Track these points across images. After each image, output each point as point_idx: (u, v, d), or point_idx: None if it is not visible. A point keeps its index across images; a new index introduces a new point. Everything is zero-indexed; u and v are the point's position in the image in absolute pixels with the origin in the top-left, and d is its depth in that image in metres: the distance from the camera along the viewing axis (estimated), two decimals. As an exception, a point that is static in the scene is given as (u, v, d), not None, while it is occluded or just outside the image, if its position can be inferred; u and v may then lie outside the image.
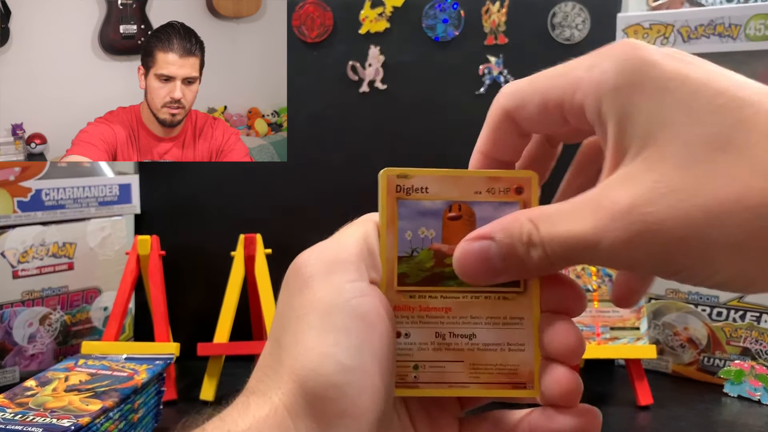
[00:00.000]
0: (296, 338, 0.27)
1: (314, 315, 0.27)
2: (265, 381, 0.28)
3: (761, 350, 0.84)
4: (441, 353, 0.30)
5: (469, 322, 0.30)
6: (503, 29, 0.94)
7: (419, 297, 0.30)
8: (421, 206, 0.30)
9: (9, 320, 0.86)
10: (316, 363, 0.26)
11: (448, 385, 0.30)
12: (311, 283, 0.28)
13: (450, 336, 0.30)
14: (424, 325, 0.30)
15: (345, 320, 0.27)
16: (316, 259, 0.29)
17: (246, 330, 0.92)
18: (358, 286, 0.28)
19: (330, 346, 0.26)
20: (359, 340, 0.27)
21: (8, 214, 0.87)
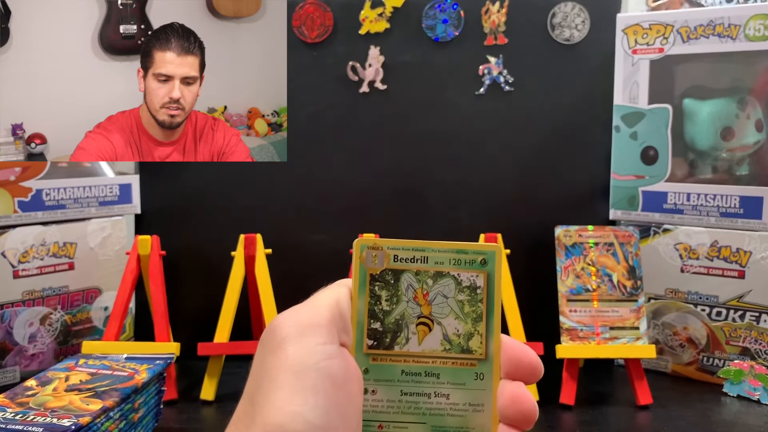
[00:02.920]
0: (267, 397, 0.28)
1: (285, 375, 0.29)
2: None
3: (760, 350, 0.85)
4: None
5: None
6: (503, 29, 0.94)
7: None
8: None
9: (9, 320, 0.86)
10: (285, 421, 0.27)
11: None
12: (284, 344, 0.29)
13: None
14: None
15: (315, 381, 0.28)
16: (290, 322, 0.30)
17: (246, 330, 0.93)
18: (329, 349, 0.30)
19: (299, 405, 0.28)
20: (327, 400, 0.28)
21: (9, 214, 0.87)
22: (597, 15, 0.93)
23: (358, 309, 0.32)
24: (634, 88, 0.91)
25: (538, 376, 0.32)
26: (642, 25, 0.90)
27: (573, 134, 0.96)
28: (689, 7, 0.94)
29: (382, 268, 0.33)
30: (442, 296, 0.33)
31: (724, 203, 0.87)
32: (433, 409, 0.32)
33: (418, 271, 0.33)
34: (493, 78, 0.95)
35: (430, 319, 0.33)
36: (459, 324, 0.33)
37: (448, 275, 0.33)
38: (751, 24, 0.84)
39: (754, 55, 0.84)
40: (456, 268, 0.33)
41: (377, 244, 0.33)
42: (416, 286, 0.33)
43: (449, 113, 0.96)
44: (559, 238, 0.88)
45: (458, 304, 0.33)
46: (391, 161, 0.97)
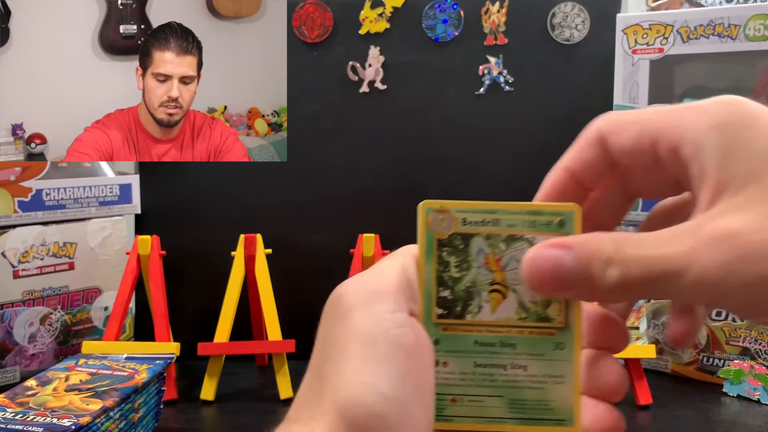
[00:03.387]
0: (337, 369, 0.27)
1: (355, 345, 0.27)
2: (307, 411, 0.28)
3: (760, 350, 0.85)
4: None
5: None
6: (503, 29, 0.94)
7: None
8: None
9: (10, 320, 0.86)
10: (357, 393, 0.26)
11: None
12: (351, 313, 0.28)
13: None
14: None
15: (385, 350, 0.27)
16: (355, 289, 0.29)
17: (246, 330, 0.93)
18: (398, 317, 0.28)
19: (371, 376, 0.26)
20: (400, 371, 0.27)
21: (9, 214, 0.87)
22: (597, 15, 0.93)
23: (426, 276, 0.30)
24: (634, 88, 0.91)
25: (625, 344, 0.30)
26: (642, 25, 0.90)
27: (573, 134, 0.95)
28: (689, 7, 0.94)
29: (450, 232, 0.31)
30: (516, 261, 0.30)
31: (724, 203, 0.87)
32: (509, 382, 0.30)
33: (489, 234, 0.31)
34: (493, 78, 0.95)
35: (504, 285, 0.30)
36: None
37: (522, 238, 0.30)
38: (751, 24, 0.84)
39: (754, 56, 0.84)
40: (530, 230, 0.30)
41: (444, 207, 0.31)
42: (488, 251, 0.30)
43: (449, 113, 0.96)
44: (559, 238, 0.88)
45: None
46: (391, 161, 0.97)
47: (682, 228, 0.25)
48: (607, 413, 0.29)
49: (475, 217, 0.31)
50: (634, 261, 0.25)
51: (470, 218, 0.31)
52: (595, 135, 0.30)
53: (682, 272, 0.24)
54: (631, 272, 0.25)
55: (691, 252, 0.23)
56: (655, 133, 0.27)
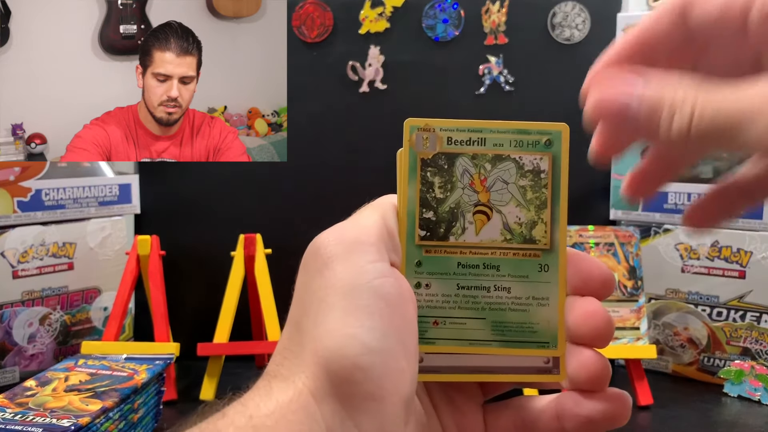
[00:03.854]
0: (317, 320, 0.26)
1: (336, 296, 0.26)
2: (286, 364, 0.27)
3: (761, 350, 0.84)
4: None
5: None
6: (503, 29, 0.94)
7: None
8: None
9: (9, 320, 0.86)
10: (340, 345, 0.25)
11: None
12: (331, 264, 0.27)
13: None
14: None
15: (368, 301, 0.26)
16: (335, 240, 0.28)
17: (246, 330, 0.92)
18: (380, 267, 0.27)
19: (354, 328, 0.26)
20: (383, 322, 0.26)
21: (8, 214, 0.87)
22: (597, 15, 0.93)
23: (409, 197, 0.30)
24: (635, 88, 0.91)
25: (611, 289, 0.29)
26: (642, 25, 0.90)
27: (573, 134, 0.96)
28: (690, 7, 0.94)
29: (434, 151, 0.30)
30: (502, 182, 0.30)
31: (724, 203, 0.87)
32: (493, 304, 0.29)
33: (475, 154, 0.30)
34: (493, 78, 0.95)
35: (488, 206, 0.30)
36: (521, 211, 0.30)
37: (509, 158, 0.30)
38: (751, 24, 0.84)
39: (754, 55, 0.84)
40: (517, 150, 0.30)
41: (429, 125, 0.30)
42: (473, 171, 0.30)
43: (449, 113, 0.96)
44: (559, 238, 0.88)
45: (520, 189, 0.30)
46: (391, 161, 0.97)
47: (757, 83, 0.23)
48: (593, 359, 0.28)
49: (461, 136, 0.30)
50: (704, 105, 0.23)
51: (455, 137, 0.30)
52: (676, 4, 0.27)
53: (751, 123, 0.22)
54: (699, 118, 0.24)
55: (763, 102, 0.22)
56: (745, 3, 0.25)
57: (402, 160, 0.30)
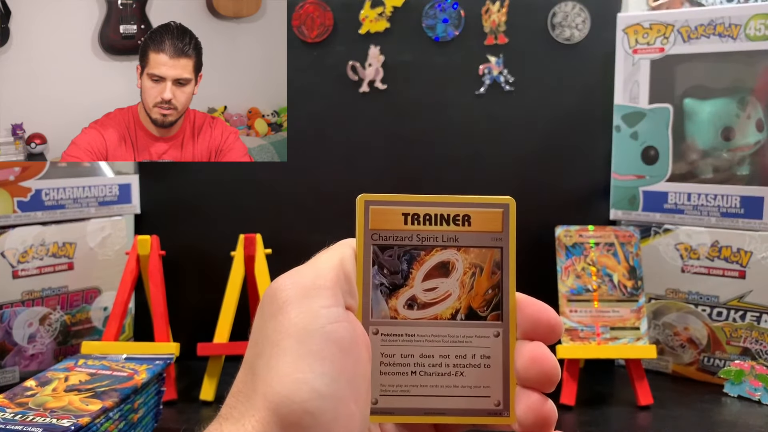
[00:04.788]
0: (269, 364, 0.27)
1: (288, 340, 0.27)
2: (239, 408, 0.27)
3: (761, 350, 0.84)
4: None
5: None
6: (503, 29, 0.94)
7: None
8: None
9: (9, 320, 0.86)
10: (290, 390, 0.26)
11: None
12: (286, 308, 0.28)
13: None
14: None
15: (320, 346, 0.27)
16: (291, 284, 0.29)
17: (246, 330, 0.92)
18: (334, 312, 0.28)
19: (304, 373, 0.26)
20: (334, 367, 0.27)
21: (8, 214, 0.87)
22: (597, 14, 0.93)
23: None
24: (635, 88, 0.91)
25: (558, 334, 0.30)
26: (642, 25, 0.90)
27: (573, 134, 0.96)
28: (690, 7, 0.94)
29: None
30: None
31: (724, 203, 0.87)
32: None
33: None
34: (493, 78, 0.95)
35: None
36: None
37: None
38: (751, 24, 0.84)
39: (754, 55, 0.84)
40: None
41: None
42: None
43: (449, 113, 0.96)
44: (559, 238, 0.88)
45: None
46: (391, 161, 0.97)
47: None
48: (540, 403, 0.29)
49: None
50: None
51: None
52: None
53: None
54: None
55: None
56: None
57: (357, 235, 0.31)
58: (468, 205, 0.31)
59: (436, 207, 0.31)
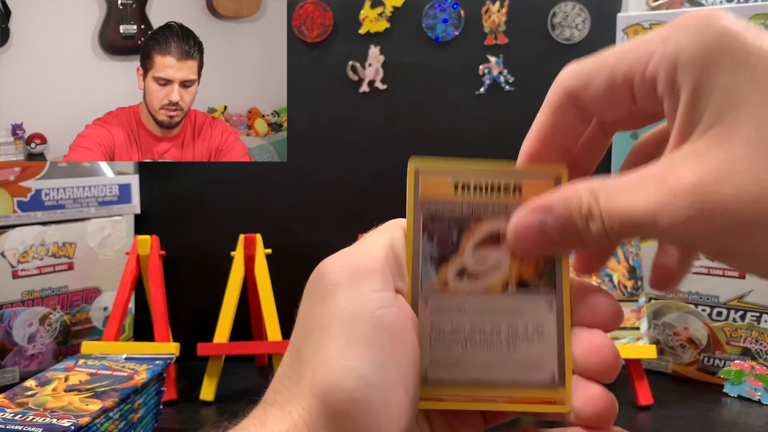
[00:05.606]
0: (317, 350, 0.26)
1: (337, 326, 0.26)
2: (284, 393, 0.27)
3: (761, 350, 0.84)
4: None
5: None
6: (503, 29, 0.94)
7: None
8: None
9: (9, 320, 0.86)
10: (338, 377, 0.25)
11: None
12: (335, 291, 0.27)
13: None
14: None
15: (369, 332, 0.26)
16: (340, 266, 0.28)
17: (246, 330, 0.92)
18: (384, 296, 0.27)
19: (353, 360, 0.25)
20: (383, 354, 0.26)
21: (8, 214, 0.87)
22: (597, 15, 0.93)
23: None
24: (635, 88, 0.91)
25: (619, 322, 0.29)
26: (642, 25, 0.90)
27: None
28: (690, 7, 0.94)
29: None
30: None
31: (724, 203, 0.86)
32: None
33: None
34: (493, 78, 0.95)
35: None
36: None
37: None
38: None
39: (754, 55, 0.84)
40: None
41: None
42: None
43: (449, 113, 0.96)
44: (559, 238, 0.87)
45: None
46: (391, 161, 0.97)
47: (650, 173, 0.24)
48: (600, 395, 0.28)
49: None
50: (609, 214, 0.25)
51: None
52: (563, 95, 0.29)
53: (654, 223, 0.24)
54: (609, 225, 0.25)
55: (657, 205, 0.23)
56: (628, 74, 0.26)
57: (408, 204, 0.30)
58: (520, 175, 0.30)
59: (487, 176, 0.30)
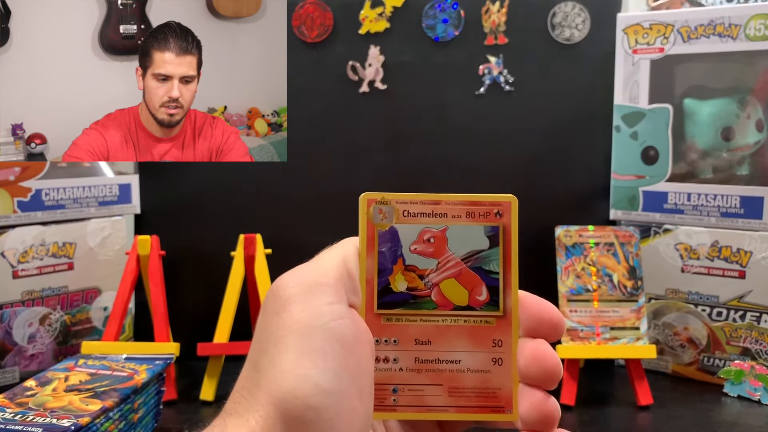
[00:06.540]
0: (273, 360, 0.27)
1: (292, 337, 0.27)
2: (242, 403, 0.28)
3: (761, 350, 0.84)
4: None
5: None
6: (503, 29, 0.94)
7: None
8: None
9: (9, 320, 0.86)
10: (293, 385, 0.26)
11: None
12: (289, 305, 0.28)
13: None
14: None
15: (323, 342, 0.27)
16: (294, 281, 0.29)
17: (246, 330, 0.92)
18: (337, 309, 0.28)
19: (307, 369, 0.26)
20: (337, 363, 0.27)
21: (8, 214, 0.87)
22: (597, 15, 0.93)
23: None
24: (635, 88, 0.91)
25: (560, 332, 0.30)
26: (642, 25, 0.90)
27: (573, 134, 0.96)
28: (690, 7, 0.94)
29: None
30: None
31: (724, 203, 0.87)
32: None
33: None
34: (493, 78, 0.95)
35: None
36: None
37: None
38: (751, 24, 0.84)
39: (754, 55, 0.84)
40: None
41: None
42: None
43: (449, 113, 0.96)
44: (559, 238, 0.88)
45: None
46: (391, 161, 0.97)
47: None
48: (543, 401, 0.29)
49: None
50: None
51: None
52: None
53: None
54: None
55: None
56: None
57: (360, 232, 0.31)
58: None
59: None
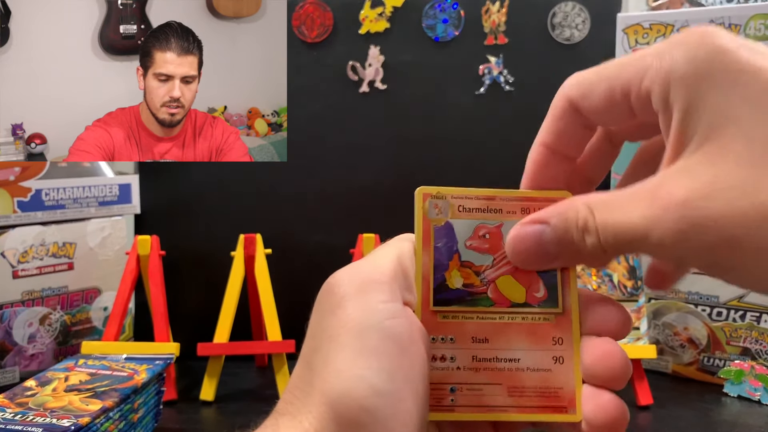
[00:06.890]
0: (327, 360, 0.26)
1: (346, 336, 0.26)
2: (295, 403, 0.27)
3: (761, 350, 0.84)
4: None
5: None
6: (503, 29, 0.94)
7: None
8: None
9: (9, 320, 0.86)
10: (347, 386, 0.25)
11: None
12: (344, 303, 0.27)
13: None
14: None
15: (377, 342, 0.26)
16: (349, 279, 0.28)
17: (246, 330, 0.92)
18: (392, 307, 0.27)
19: (362, 369, 0.26)
20: (392, 363, 0.26)
21: (8, 214, 0.87)
22: (597, 15, 0.93)
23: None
24: (635, 88, 0.91)
25: (628, 329, 0.29)
26: (642, 25, 0.90)
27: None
28: (690, 7, 0.94)
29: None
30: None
31: (724, 203, 0.86)
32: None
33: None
34: (493, 78, 0.95)
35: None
36: None
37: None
38: (751, 24, 0.84)
39: (754, 55, 0.84)
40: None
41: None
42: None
43: (449, 113, 0.96)
44: (559, 238, 0.87)
45: None
46: (391, 161, 0.97)
47: (644, 189, 0.25)
48: (611, 402, 0.28)
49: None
50: (604, 228, 0.26)
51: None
52: (564, 103, 0.30)
53: (646, 237, 0.24)
54: (604, 239, 0.26)
55: (649, 220, 0.24)
56: (625, 88, 0.27)
57: (415, 228, 0.30)
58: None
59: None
